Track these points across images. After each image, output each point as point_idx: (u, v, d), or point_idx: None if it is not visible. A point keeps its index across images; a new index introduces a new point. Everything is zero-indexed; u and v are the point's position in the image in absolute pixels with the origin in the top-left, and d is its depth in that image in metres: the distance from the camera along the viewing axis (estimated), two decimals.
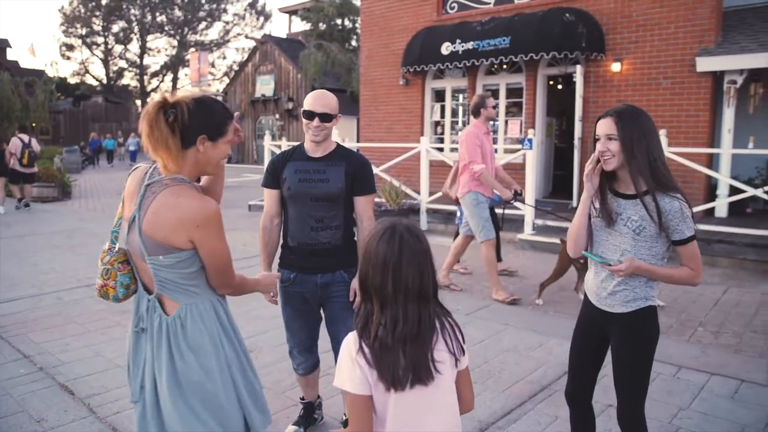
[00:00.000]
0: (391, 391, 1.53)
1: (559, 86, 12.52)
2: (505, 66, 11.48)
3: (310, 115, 2.77)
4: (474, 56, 10.81)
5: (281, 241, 3.03)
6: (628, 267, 2.21)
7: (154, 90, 57.34)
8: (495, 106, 5.95)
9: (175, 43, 54.93)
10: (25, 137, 12.72)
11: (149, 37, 54.53)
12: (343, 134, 11.74)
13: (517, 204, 8.59)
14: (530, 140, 8.35)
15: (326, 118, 2.77)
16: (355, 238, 2.96)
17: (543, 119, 11.26)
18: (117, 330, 4.94)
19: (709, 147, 9.15)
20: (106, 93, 48.36)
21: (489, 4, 11.60)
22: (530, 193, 8.45)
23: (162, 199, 1.86)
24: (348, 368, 1.55)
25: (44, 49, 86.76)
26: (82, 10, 51.83)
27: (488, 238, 5.78)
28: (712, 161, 9.14)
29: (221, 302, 2.07)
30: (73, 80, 51.74)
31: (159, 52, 56.36)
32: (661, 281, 2.34)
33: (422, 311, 1.56)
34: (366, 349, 1.54)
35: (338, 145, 2.91)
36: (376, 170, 6.82)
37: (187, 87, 53.70)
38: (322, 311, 3.02)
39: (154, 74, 56.41)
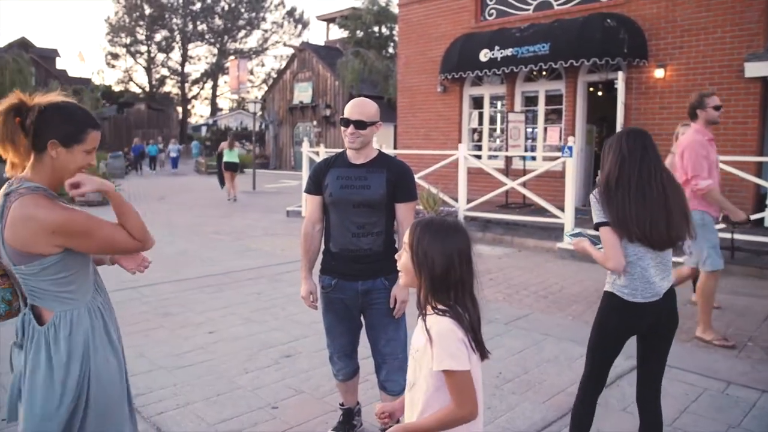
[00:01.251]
0: (476, 362, 1.71)
1: (600, 93, 12.35)
2: (544, 72, 11.38)
3: (345, 122, 2.81)
4: (513, 63, 10.74)
5: (323, 247, 3.04)
6: (576, 243, 2.77)
7: (194, 97, 58.63)
8: (718, 107, 4.78)
9: (215, 51, 56.01)
10: None
11: (190, 46, 55.74)
12: (381, 141, 11.77)
13: (557, 211, 8.51)
14: (570, 148, 8.24)
15: (360, 125, 2.78)
16: (396, 245, 2.95)
17: (583, 126, 11.10)
18: (160, 332, 5.04)
19: (758, 155, 8.88)
20: (149, 100, 49.52)
21: (528, 10, 11.52)
22: (570, 201, 8.33)
23: (17, 208, 1.83)
24: (459, 349, 1.66)
25: (91, 58, 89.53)
26: (127, 20, 53.30)
27: (715, 269, 4.76)
28: (761, 170, 8.86)
29: (101, 308, 2.04)
30: (117, 88, 53.17)
31: (199, 60, 57.64)
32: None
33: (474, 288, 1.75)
34: (470, 332, 1.69)
35: (380, 152, 2.93)
36: None
37: (227, 94, 54.81)
38: (362, 318, 3.02)
39: (195, 81, 57.61)
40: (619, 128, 9.73)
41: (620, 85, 9.68)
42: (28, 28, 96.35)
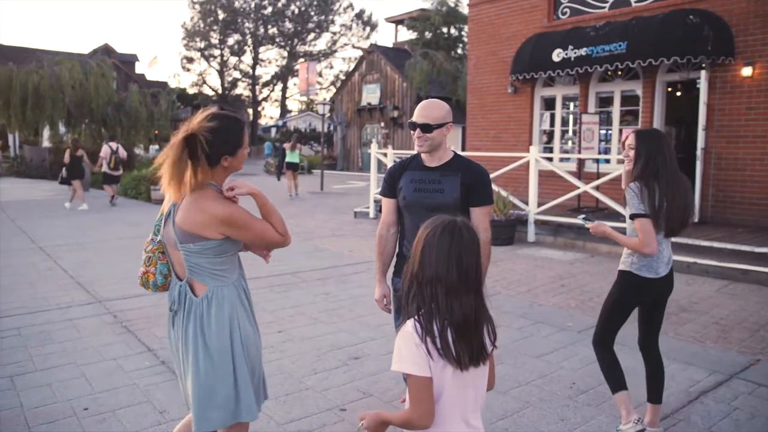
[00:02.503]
0: (450, 371, 1.66)
1: (678, 93, 11.79)
2: (619, 72, 10.97)
3: (412, 125, 2.79)
4: (587, 63, 10.40)
5: (397, 250, 3.01)
6: (595, 227, 3.16)
7: (265, 99, 60.07)
8: None
9: (285, 54, 57.23)
10: (114, 145, 14.37)
11: (261, 49, 57.17)
12: (448, 143, 11.66)
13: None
14: None
15: (427, 128, 2.75)
16: None
17: (661, 128, 10.62)
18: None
19: None
20: (221, 102, 51.11)
21: (604, 8, 11.14)
22: None
23: (194, 198, 2.17)
24: (412, 353, 1.64)
25: (168, 62, 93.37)
26: (202, 25, 55.26)
27: None
28: None
29: (244, 286, 2.37)
30: (191, 90, 55.16)
31: (270, 62, 58.92)
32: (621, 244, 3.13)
33: (477, 299, 1.69)
34: (429, 336, 1.63)
35: (455, 154, 2.88)
36: None
37: (296, 96, 55.88)
38: None
39: (265, 84, 59.05)
40: (701, 130, 9.27)
41: (703, 85, 9.20)
42: (111, 34, 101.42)
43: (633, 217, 2.96)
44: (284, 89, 58.91)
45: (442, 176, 2.80)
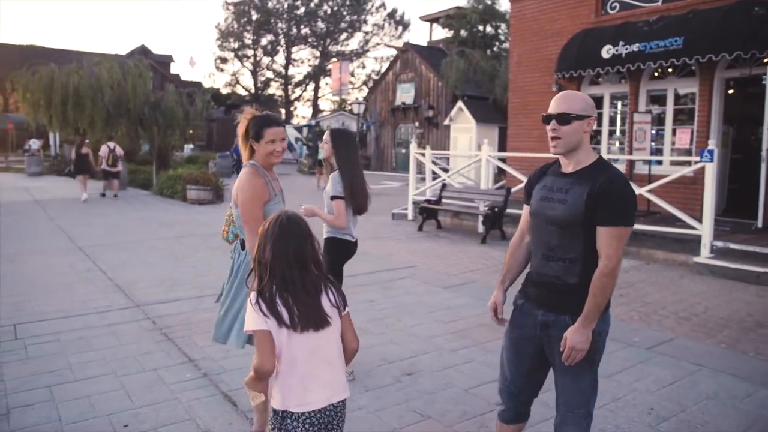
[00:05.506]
0: (287, 332, 2.05)
1: (730, 90, 11.19)
2: (670, 70, 10.45)
3: (546, 119, 2.32)
4: (639, 59, 9.91)
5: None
6: (307, 209, 3.95)
7: (297, 99, 60.20)
8: None
9: (318, 53, 57.28)
10: (111, 144, 16.27)
11: (294, 49, 57.32)
12: (486, 140, 11.28)
13: (693, 221, 7.69)
14: (711, 151, 7.43)
15: (564, 119, 2.26)
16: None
17: (719, 127, 10.07)
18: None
19: None
20: (254, 102, 51.35)
21: (657, 1, 10.62)
22: (708, 211, 7.51)
23: (242, 174, 3.05)
24: (251, 314, 2.06)
25: (202, 62, 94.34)
26: (236, 26, 55.65)
27: None
28: None
29: None
30: (225, 90, 55.57)
31: (302, 62, 59.05)
32: None
33: (304, 275, 2.08)
34: (263, 302, 2.04)
35: (599, 159, 2.35)
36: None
37: (328, 96, 55.85)
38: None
39: (298, 84, 59.19)
40: (766, 130, 8.72)
41: None
42: (147, 36, 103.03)
43: (333, 198, 3.94)
44: (316, 89, 58.99)
45: (572, 184, 2.30)
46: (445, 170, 12.86)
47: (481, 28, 28.69)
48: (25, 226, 10.85)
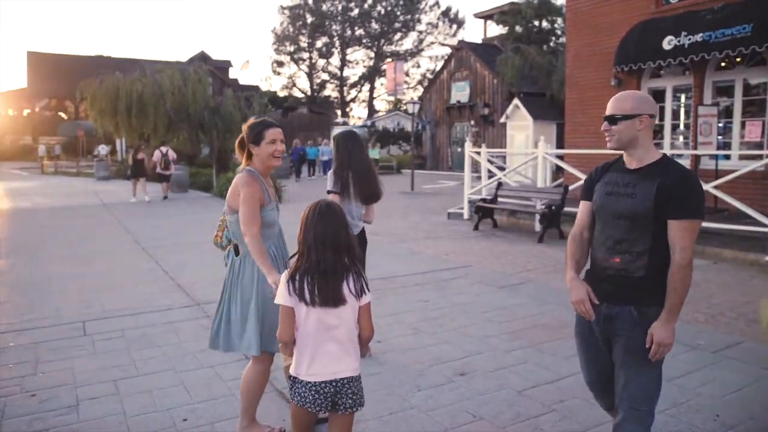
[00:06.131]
0: (305, 309, 2.31)
1: None
2: (738, 59, 9.97)
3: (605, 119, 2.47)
4: (704, 49, 9.51)
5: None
6: None
7: (352, 100, 60.74)
8: None
9: (372, 54, 57.62)
10: (164, 149, 16.88)
11: (348, 50, 57.87)
12: (542, 137, 11.05)
13: (764, 219, 7.32)
14: None
15: (611, 120, 2.42)
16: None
17: None
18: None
19: None
20: (310, 104, 52.10)
21: None
22: None
23: (236, 179, 3.09)
24: (281, 290, 2.35)
25: (259, 66, 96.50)
26: (291, 30, 56.61)
27: None
28: None
29: (274, 253, 3.17)
30: (282, 93, 56.64)
31: (357, 64, 59.55)
32: None
33: (335, 259, 2.30)
34: (292, 281, 2.32)
35: (663, 156, 2.45)
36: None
37: (383, 96, 56.09)
38: None
39: (353, 85, 59.74)
40: None
41: None
42: (206, 42, 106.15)
43: (328, 193, 4.25)
44: (371, 89, 59.34)
45: (639, 180, 2.39)
46: (501, 168, 12.69)
47: (536, 23, 28.16)
48: (96, 229, 11.36)
